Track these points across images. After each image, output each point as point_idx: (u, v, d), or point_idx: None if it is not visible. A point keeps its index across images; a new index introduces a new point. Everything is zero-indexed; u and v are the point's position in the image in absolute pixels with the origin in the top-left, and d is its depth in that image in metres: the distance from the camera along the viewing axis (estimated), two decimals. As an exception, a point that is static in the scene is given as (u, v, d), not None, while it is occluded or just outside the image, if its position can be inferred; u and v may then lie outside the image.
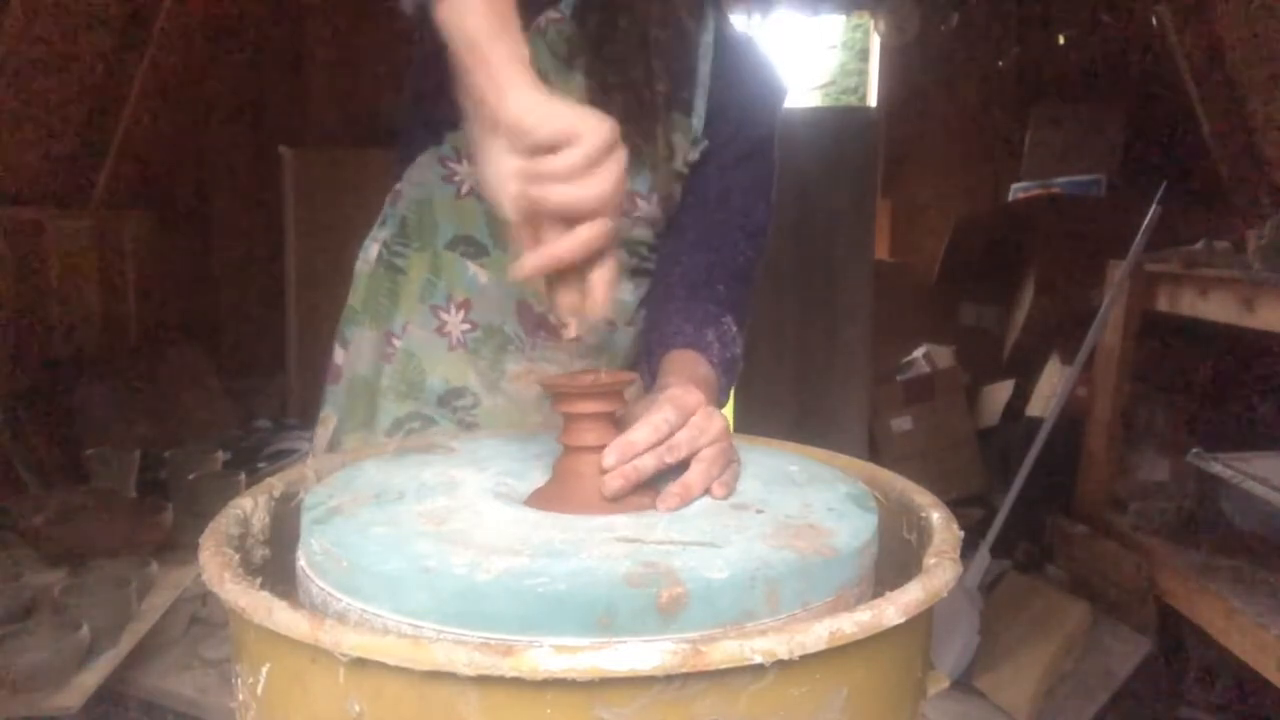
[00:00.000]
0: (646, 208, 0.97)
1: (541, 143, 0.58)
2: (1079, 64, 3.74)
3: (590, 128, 0.58)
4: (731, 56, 0.99)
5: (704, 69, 0.96)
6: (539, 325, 0.99)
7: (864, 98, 4.72)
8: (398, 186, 1.02)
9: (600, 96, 0.90)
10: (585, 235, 0.59)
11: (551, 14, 0.91)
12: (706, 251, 0.97)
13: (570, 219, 0.59)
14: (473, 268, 0.98)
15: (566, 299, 0.63)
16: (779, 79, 1.04)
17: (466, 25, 0.62)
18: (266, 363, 3.74)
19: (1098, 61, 3.72)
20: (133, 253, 3.31)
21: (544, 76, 0.85)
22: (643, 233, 0.99)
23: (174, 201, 3.63)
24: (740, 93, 0.99)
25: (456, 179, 0.96)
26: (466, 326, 0.99)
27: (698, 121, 0.96)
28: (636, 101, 0.91)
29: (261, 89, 3.80)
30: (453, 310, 0.99)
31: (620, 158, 0.59)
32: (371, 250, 1.03)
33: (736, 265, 0.98)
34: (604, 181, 0.58)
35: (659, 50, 0.91)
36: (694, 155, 0.97)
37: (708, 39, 0.97)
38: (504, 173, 0.59)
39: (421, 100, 0.98)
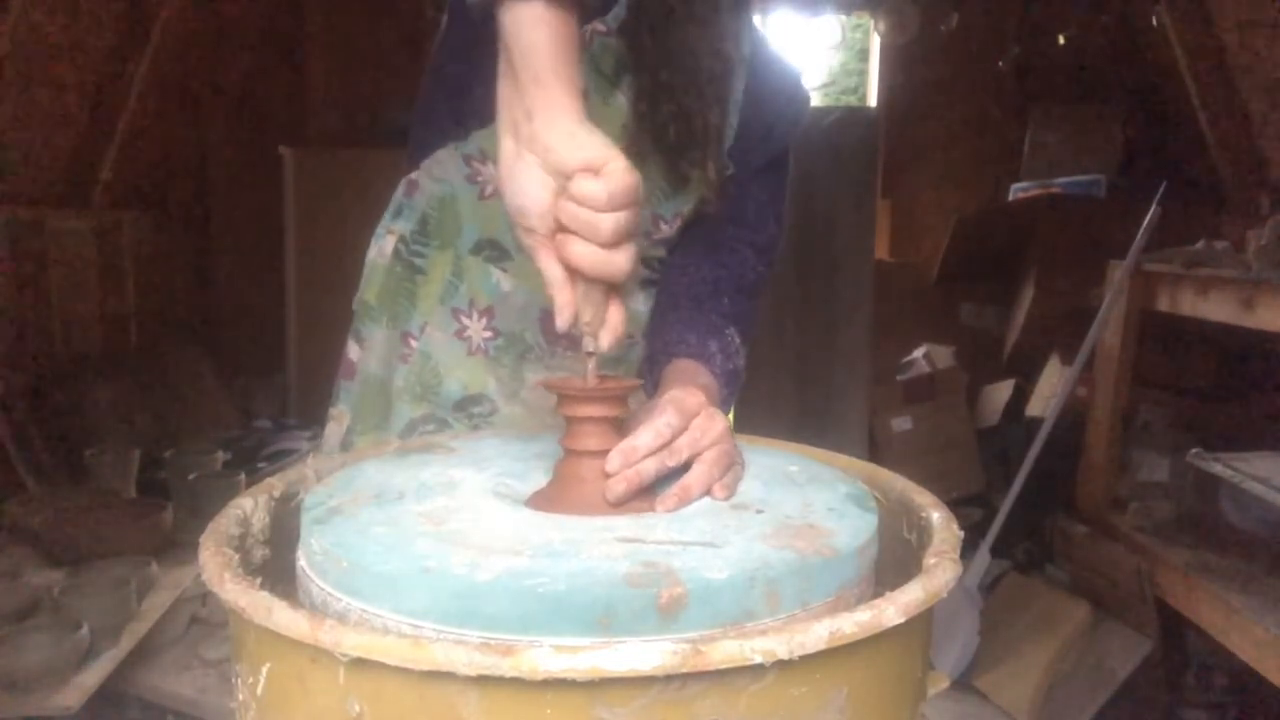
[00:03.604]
0: (667, 230, 0.96)
1: (575, 165, 0.58)
2: (1079, 64, 3.75)
3: (617, 167, 0.58)
4: (762, 72, 0.97)
5: (739, 89, 0.95)
6: (560, 335, 0.98)
7: (864, 98, 4.72)
8: (413, 176, 0.99)
9: (650, 121, 0.88)
10: (617, 262, 0.60)
11: (597, 26, 0.88)
12: (715, 265, 0.97)
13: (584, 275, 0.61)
14: (496, 273, 0.97)
15: (588, 316, 0.64)
16: (803, 93, 1.02)
17: (528, 37, 0.62)
18: (266, 363, 3.74)
19: (1098, 61, 3.72)
20: (133, 253, 3.31)
21: (584, 93, 0.85)
22: (659, 251, 0.99)
23: (174, 201, 3.63)
24: (766, 109, 0.97)
25: (480, 179, 0.94)
26: (489, 334, 0.98)
27: (729, 143, 0.95)
28: (688, 130, 0.89)
29: (261, 89, 3.80)
30: (475, 316, 0.98)
31: (636, 206, 0.60)
32: (387, 242, 1.00)
33: (744, 280, 0.97)
34: (615, 220, 0.58)
35: (710, 79, 0.89)
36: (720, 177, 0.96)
37: (744, 57, 0.95)
38: (529, 187, 0.60)
39: (445, 95, 0.95)
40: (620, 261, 0.60)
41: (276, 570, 0.65)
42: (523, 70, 0.61)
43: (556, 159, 0.59)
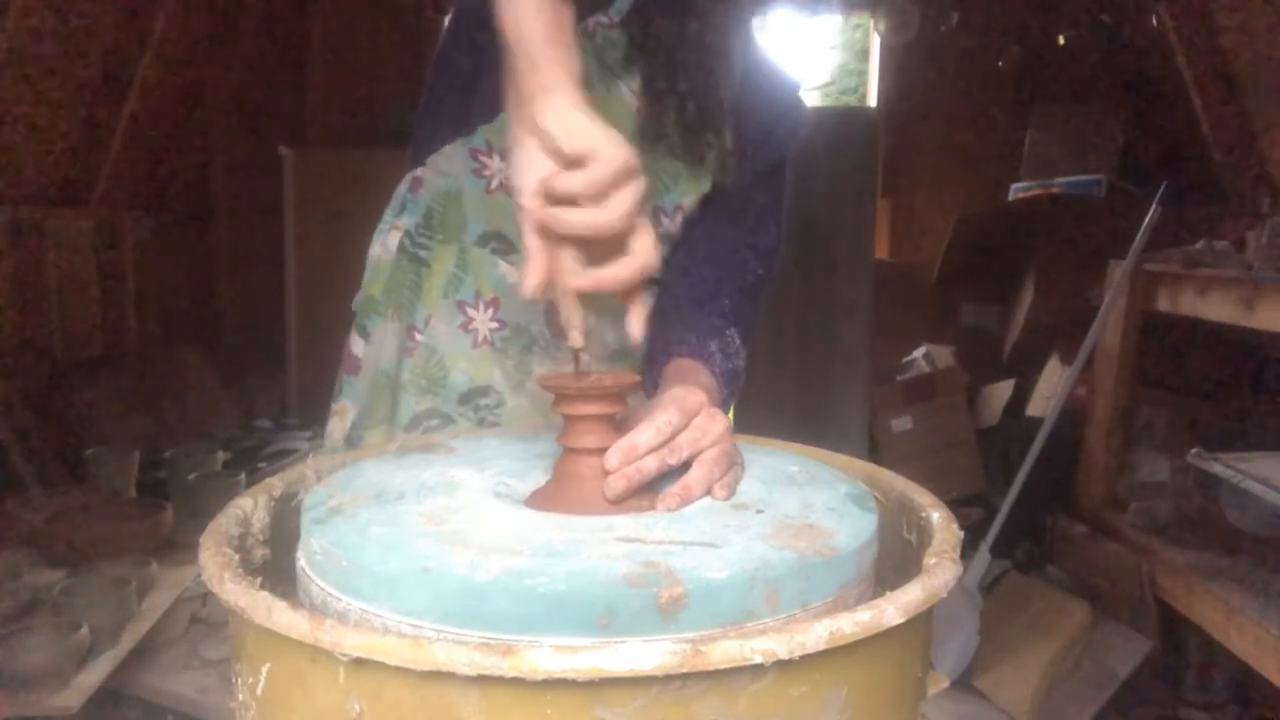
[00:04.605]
0: (668, 224, 0.97)
1: (566, 154, 0.60)
2: (1079, 64, 3.75)
3: (612, 151, 0.60)
4: (758, 75, 0.98)
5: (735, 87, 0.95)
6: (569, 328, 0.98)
7: (864, 98, 4.72)
8: (417, 173, 0.99)
9: (660, 105, 0.89)
10: (624, 273, 0.62)
11: (600, 19, 0.89)
12: (716, 267, 0.97)
13: (581, 238, 0.62)
14: (502, 265, 0.97)
15: (571, 312, 0.65)
16: (801, 108, 1.03)
17: (524, 26, 0.65)
18: (266, 363, 3.74)
19: (1098, 61, 3.72)
20: (133, 253, 3.31)
21: (588, 83, 0.85)
22: (661, 248, 1.00)
23: (174, 201, 3.63)
24: (764, 112, 0.98)
25: (487, 173, 0.95)
26: (495, 325, 0.98)
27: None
28: (701, 110, 0.89)
29: (261, 89, 3.80)
30: (481, 308, 0.98)
31: (637, 186, 0.61)
32: (391, 237, 1.00)
33: (745, 282, 0.98)
34: (616, 208, 0.60)
35: (723, 56, 0.89)
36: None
37: (740, 54, 0.95)
38: (525, 165, 0.62)
39: (452, 90, 0.96)
40: (633, 264, 0.62)
41: (276, 570, 0.65)
42: (520, 54, 0.64)
43: (548, 141, 0.61)
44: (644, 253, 0.63)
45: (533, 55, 0.64)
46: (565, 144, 0.60)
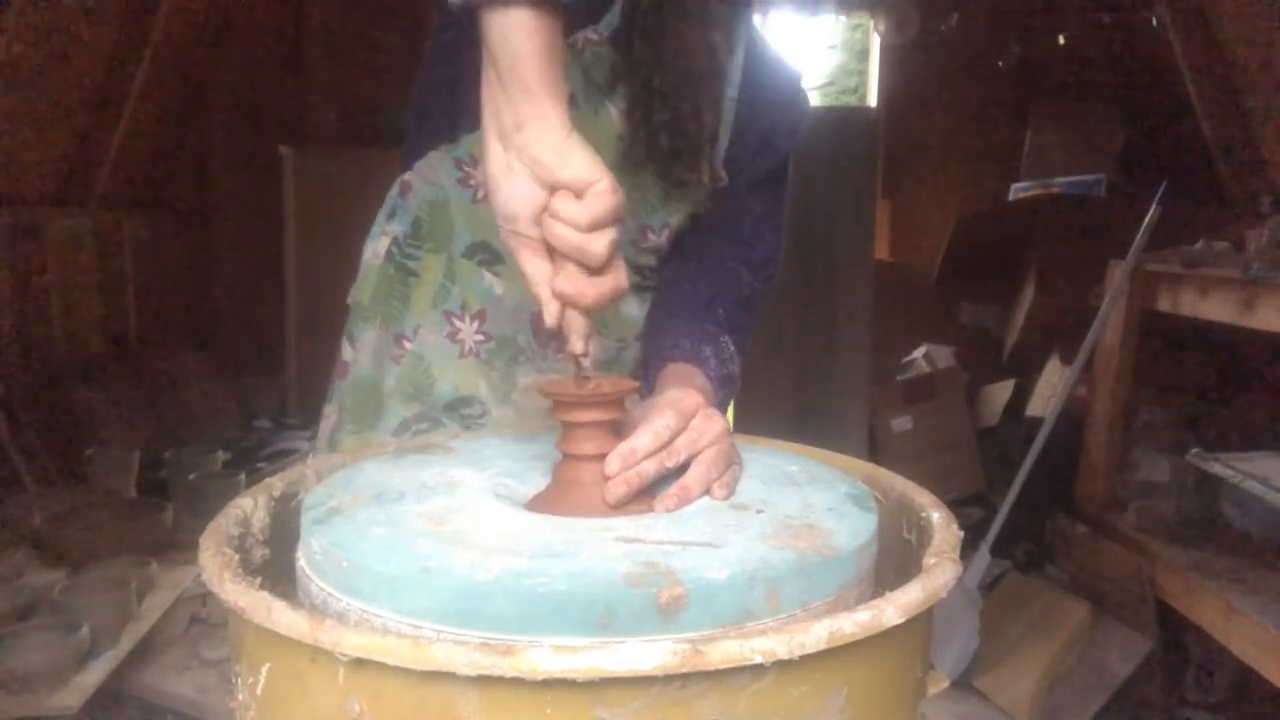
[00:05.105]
0: (655, 240, 0.96)
1: (559, 184, 0.60)
2: (1079, 64, 3.75)
3: (606, 185, 0.60)
4: (758, 79, 0.96)
5: (734, 81, 0.94)
6: (552, 337, 0.98)
7: (864, 98, 4.72)
8: (406, 177, 0.99)
9: (645, 129, 0.88)
10: (606, 289, 0.62)
11: (589, 34, 0.88)
12: (710, 280, 0.96)
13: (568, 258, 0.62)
14: (488, 277, 0.97)
15: (574, 320, 0.65)
16: (802, 100, 1.01)
17: (516, 45, 0.61)
18: (266, 363, 3.74)
19: (1098, 61, 3.72)
20: (133, 253, 3.31)
21: (573, 101, 0.84)
22: (649, 259, 0.99)
23: (174, 201, 3.63)
24: (763, 118, 0.97)
25: (472, 183, 0.94)
26: (480, 337, 0.98)
27: (724, 141, 0.95)
28: (683, 135, 0.88)
29: (261, 89, 3.80)
30: (467, 320, 0.98)
31: (620, 227, 0.62)
32: (381, 243, 1.00)
33: (740, 294, 0.97)
34: (604, 241, 0.60)
35: (702, 79, 0.88)
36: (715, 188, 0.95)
37: (738, 62, 0.94)
38: (519, 193, 0.61)
39: (437, 97, 0.95)
40: (607, 284, 0.62)
41: (276, 570, 0.65)
42: (510, 78, 0.61)
43: (545, 173, 0.60)
44: (620, 277, 0.63)
45: (526, 78, 0.60)
46: (561, 174, 0.60)
